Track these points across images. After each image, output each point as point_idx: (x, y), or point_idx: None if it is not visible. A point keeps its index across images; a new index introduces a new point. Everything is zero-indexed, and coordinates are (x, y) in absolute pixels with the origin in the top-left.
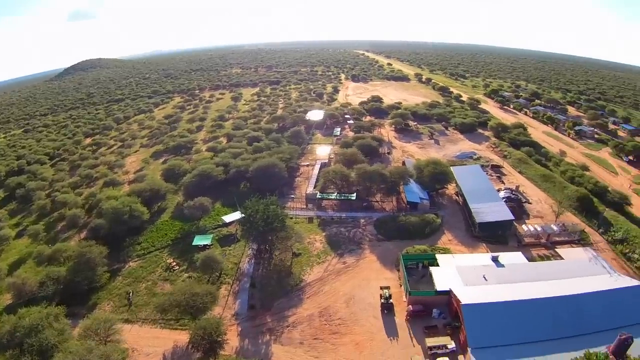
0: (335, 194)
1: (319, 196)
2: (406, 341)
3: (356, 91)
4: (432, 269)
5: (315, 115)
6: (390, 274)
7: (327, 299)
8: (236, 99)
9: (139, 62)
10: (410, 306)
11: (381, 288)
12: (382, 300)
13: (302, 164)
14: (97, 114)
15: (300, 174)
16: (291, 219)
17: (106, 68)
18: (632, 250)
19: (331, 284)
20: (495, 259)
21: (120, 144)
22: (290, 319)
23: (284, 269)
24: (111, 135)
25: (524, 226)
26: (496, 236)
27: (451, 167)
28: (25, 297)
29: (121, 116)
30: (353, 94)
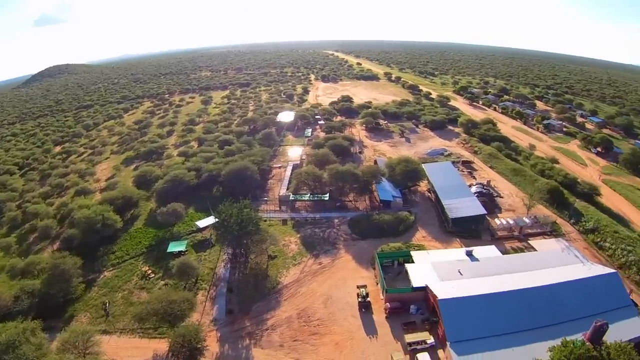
0: (308, 195)
1: (292, 198)
2: (385, 338)
3: (326, 91)
4: (408, 266)
5: (286, 116)
6: (366, 272)
7: (304, 300)
8: (206, 102)
9: (107, 67)
10: (388, 304)
11: (358, 287)
12: (360, 299)
13: (274, 166)
14: (66, 121)
15: (273, 176)
16: (265, 221)
17: (74, 74)
18: (603, 239)
19: (308, 285)
20: (469, 254)
21: (90, 151)
22: (269, 322)
23: (260, 272)
24: (81, 143)
25: (496, 220)
26: (469, 231)
27: (423, 165)
28: None
29: (91, 123)
30: (323, 94)
